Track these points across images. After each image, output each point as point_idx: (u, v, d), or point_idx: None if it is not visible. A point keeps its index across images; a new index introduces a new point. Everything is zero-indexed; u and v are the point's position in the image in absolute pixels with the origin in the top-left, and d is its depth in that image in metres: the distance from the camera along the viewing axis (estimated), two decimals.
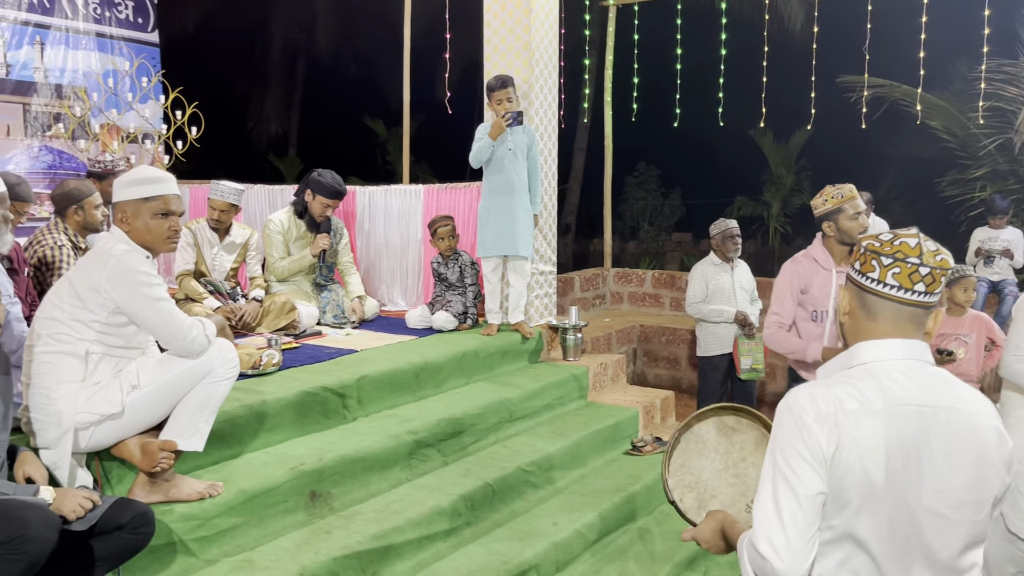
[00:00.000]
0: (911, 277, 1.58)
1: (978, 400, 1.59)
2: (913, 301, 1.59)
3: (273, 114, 19.91)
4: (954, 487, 1.52)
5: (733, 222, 5.77)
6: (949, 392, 1.57)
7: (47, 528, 2.25)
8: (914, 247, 1.60)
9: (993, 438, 1.55)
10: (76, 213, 4.04)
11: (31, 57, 7.50)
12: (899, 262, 1.59)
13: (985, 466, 1.54)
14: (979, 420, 1.55)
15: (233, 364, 3.02)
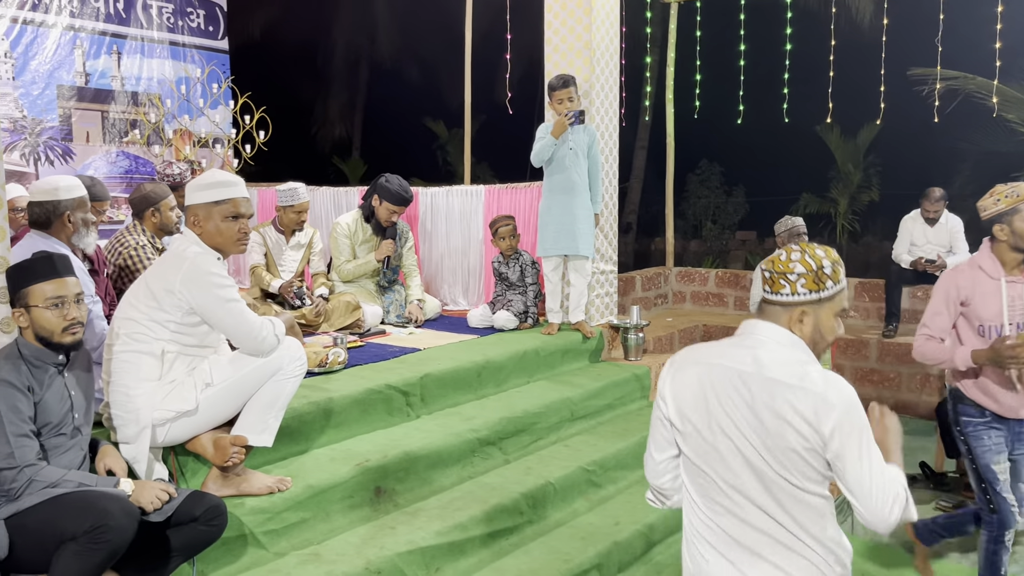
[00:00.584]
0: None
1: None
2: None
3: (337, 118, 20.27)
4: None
5: (800, 220, 5.67)
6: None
7: (127, 518, 2.34)
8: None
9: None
10: (153, 215, 4.19)
11: (109, 66, 7.79)
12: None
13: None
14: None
15: (301, 362, 3.10)
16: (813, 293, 1.98)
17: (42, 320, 2.53)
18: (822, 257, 1.99)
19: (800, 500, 1.91)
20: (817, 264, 1.98)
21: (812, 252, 2.01)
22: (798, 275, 1.99)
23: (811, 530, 1.93)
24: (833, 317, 2.02)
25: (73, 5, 7.48)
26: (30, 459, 2.41)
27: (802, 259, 2.00)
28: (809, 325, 1.99)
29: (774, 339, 1.99)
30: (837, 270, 2.01)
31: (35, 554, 2.37)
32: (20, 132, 7.17)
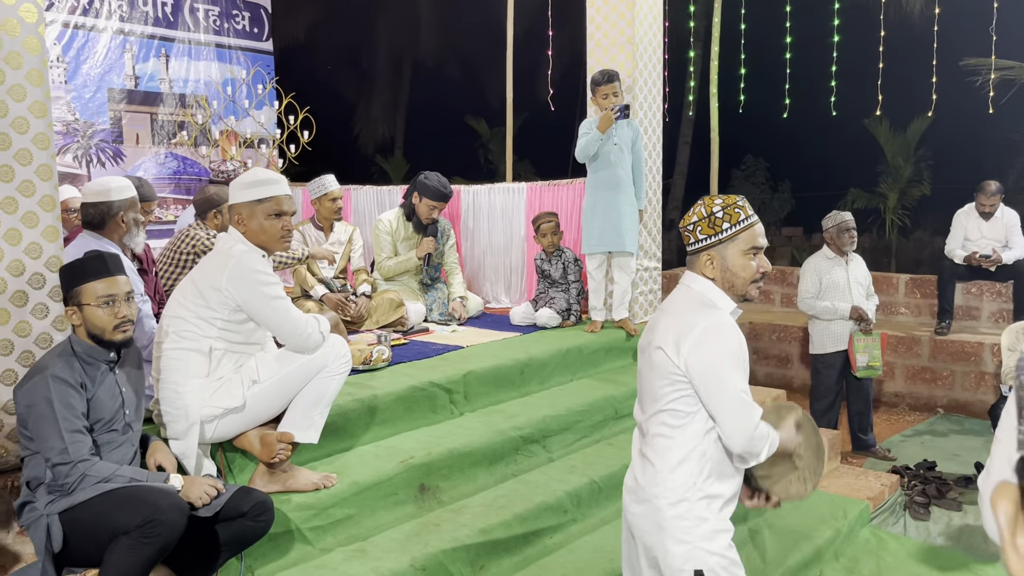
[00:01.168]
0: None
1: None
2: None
3: (380, 117, 20.41)
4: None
5: (848, 215, 5.56)
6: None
7: (177, 513, 2.38)
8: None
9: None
10: (215, 216, 4.27)
11: (157, 69, 7.94)
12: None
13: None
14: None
15: (346, 359, 3.11)
16: (712, 237, 2.17)
17: (94, 318, 2.58)
18: (713, 203, 2.18)
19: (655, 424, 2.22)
20: (708, 210, 2.18)
21: (707, 201, 2.21)
22: (694, 224, 2.20)
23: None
24: (742, 255, 2.17)
25: (123, 9, 7.63)
26: (83, 455, 2.45)
27: (696, 210, 2.22)
28: (717, 267, 2.18)
29: (685, 283, 2.23)
30: (731, 212, 2.17)
31: (88, 548, 2.42)
32: (72, 135, 7.34)
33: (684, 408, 2.16)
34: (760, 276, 2.21)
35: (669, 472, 2.18)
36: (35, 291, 2.88)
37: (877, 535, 4.22)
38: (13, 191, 2.81)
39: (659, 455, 2.20)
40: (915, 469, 5.13)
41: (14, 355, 2.84)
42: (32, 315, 2.88)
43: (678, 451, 2.18)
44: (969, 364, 6.47)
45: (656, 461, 2.21)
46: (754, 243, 2.18)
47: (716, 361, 2.09)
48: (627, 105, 4.93)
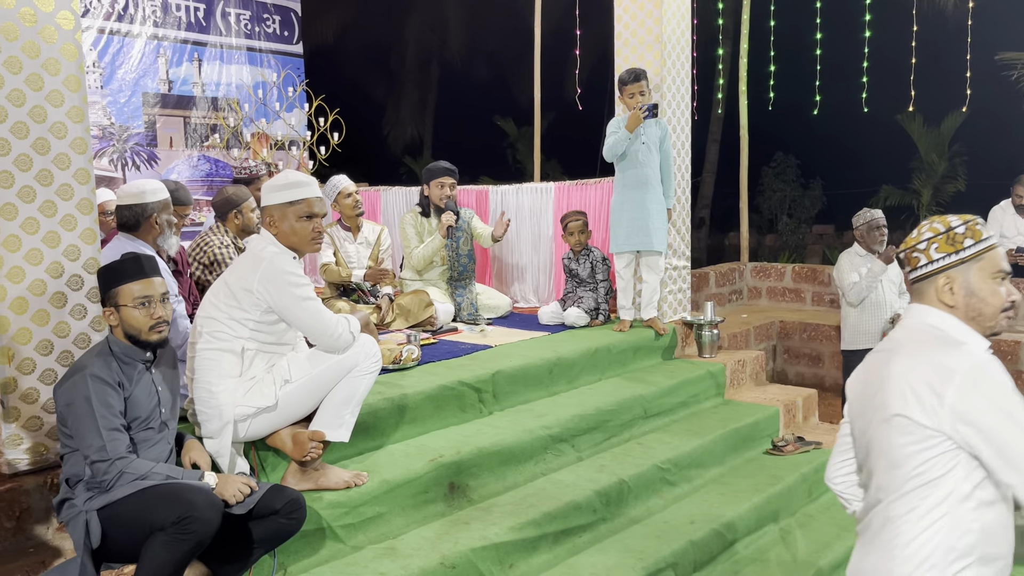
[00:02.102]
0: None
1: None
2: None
3: (408, 118, 20.52)
4: None
5: (878, 212, 5.50)
6: None
7: (212, 510, 2.42)
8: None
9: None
10: (236, 217, 4.31)
11: (190, 73, 8.06)
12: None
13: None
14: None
15: (376, 359, 3.14)
16: (951, 256, 1.84)
17: (130, 319, 2.63)
18: (951, 219, 1.88)
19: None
20: (946, 225, 1.87)
21: (941, 217, 1.90)
22: (927, 240, 1.87)
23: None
24: (989, 279, 1.83)
25: (156, 15, 7.76)
26: (121, 452, 2.50)
27: (930, 226, 1.90)
28: (960, 291, 1.84)
29: (920, 315, 1.87)
30: (973, 228, 1.85)
31: (125, 544, 2.46)
32: (108, 139, 7.47)
33: (935, 472, 1.75)
34: (1010, 304, 1.85)
35: (912, 549, 1.77)
36: (73, 292, 2.94)
37: None
38: (52, 194, 2.87)
39: (898, 532, 1.79)
40: None
41: (53, 355, 2.91)
42: (71, 316, 2.94)
43: (923, 524, 1.76)
44: (1005, 363, 6.34)
45: (894, 539, 1.80)
46: (1000, 266, 1.84)
47: (1003, 405, 1.69)
48: (656, 104, 4.92)
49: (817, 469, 4.24)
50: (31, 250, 2.83)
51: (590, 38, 8.90)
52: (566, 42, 9.25)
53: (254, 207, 4.37)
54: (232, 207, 4.31)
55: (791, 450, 4.53)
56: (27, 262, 2.83)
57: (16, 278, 2.81)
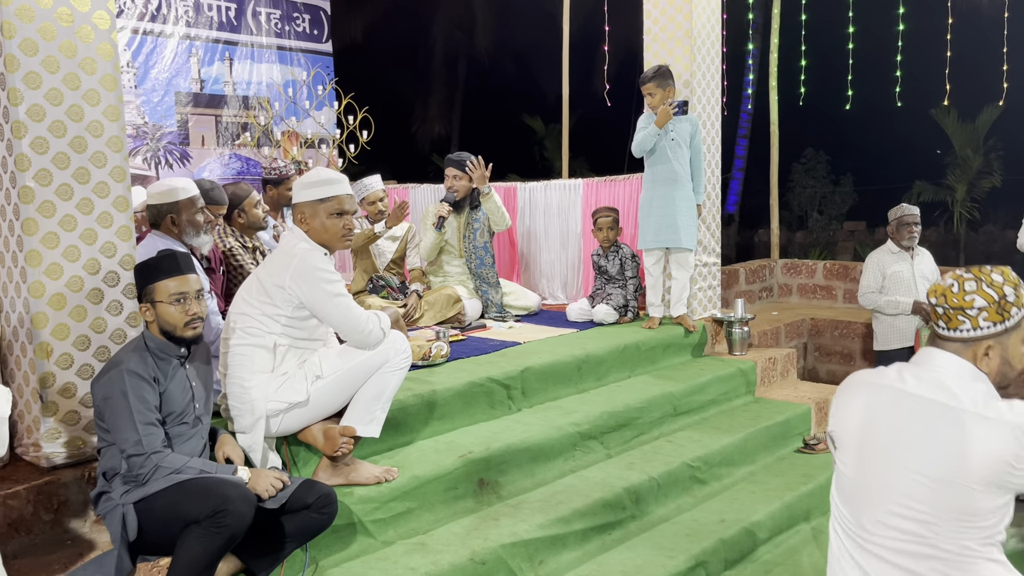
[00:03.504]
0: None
1: None
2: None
3: (436, 115, 20.57)
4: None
5: (910, 208, 5.43)
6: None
7: (245, 504, 2.44)
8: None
9: None
10: (239, 216, 4.33)
11: (222, 72, 8.15)
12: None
13: None
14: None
15: (406, 355, 3.16)
16: (998, 325, 1.83)
17: (166, 315, 2.66)
18: (1001, 284, 1.83)
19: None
20: (999, 294, 1.83)
21: (989, 280, 1.84)
22: (979, 309, 1.83)
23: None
24: (1021, 344, 1.85)
25: (189, 15, 7.85)
26: (156, 446, 2.54)
27: (979, 290, 1.84)
28: (996, 359, 1.84)
29: (956, 372, 1.84)
30: (1020, 294, 1.84)
31: (161, 536, 2.50)
32: (142, 138, 7.58)
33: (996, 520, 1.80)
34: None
35: None
36: (110, 288, 2.99)
37: None
38: (89, 192, 2.92)
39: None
40: None
41: (90, 350, 2.95)
42: (107, 312, 2.99)
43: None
44: None
45: None
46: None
47: None
48: (686, 101, 4.89)
49: None
50: (69, 247, 2.88)
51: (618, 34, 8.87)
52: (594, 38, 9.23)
53: (256, 201, 4.38)
54: (234, 206, 4.32)
55: (823, 448, 4.48)
56: (65, 259, 2.88)
57: (54, 274, 2.86)
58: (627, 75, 10.63)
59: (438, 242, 5.53)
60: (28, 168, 2.78)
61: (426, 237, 5.53)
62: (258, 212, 4.38)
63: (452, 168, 5.50)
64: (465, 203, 5.52)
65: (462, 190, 5.48)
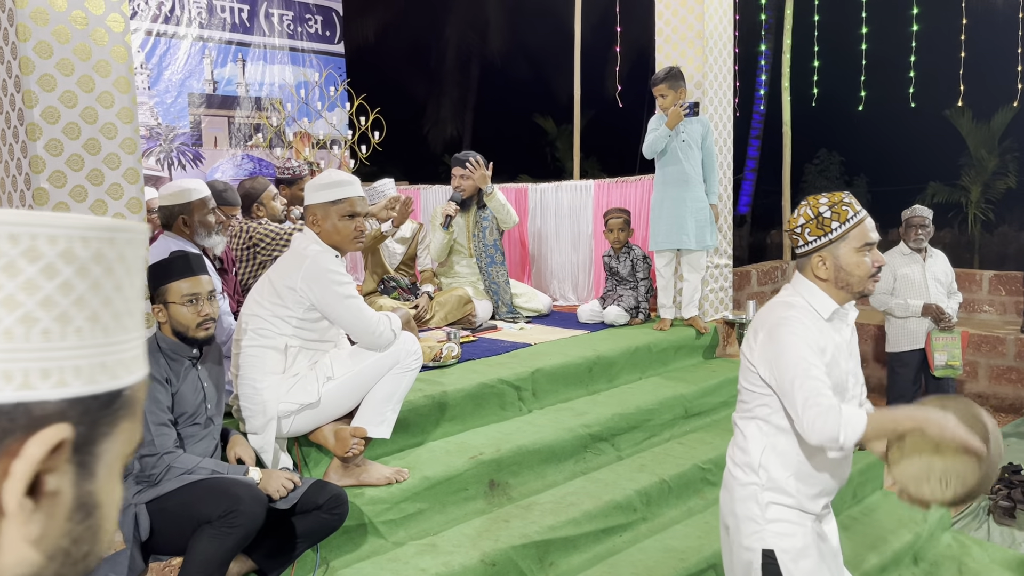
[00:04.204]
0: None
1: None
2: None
3: (448, 116, 20.59)
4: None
5: (920, 209, 5.39)
6: None
7: (257, 504, 2.46)
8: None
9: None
10: (258, 209, 4.36)
11: (235, 73, 8.18)
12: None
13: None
14: None
15: (417, 356, 3.16)
16: (823, 237, 2.14)
17: (178, 316, 2.68)
18: (821, 203, 2.15)
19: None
20: (815, 211, 2.15)
21: (812, 201, 2.18)
22: (802, 226, 2.17)
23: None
24: (855, 252, 2.12)
25: (202, 16, 7.89)
26: (169, 447, 2.55)
27: (803, 212, 2.18)
28: (830, 267, 2.14)
29: (791, 285, 2.24)
30: (839, 210, 2.13)
31: (173, 536, 2.52)
32: (155, 139, 7.62)
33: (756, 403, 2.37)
34: (876, 270, 2.17)
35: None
36: None
37: (959, 540, 4.08)
38: (102, 194, 2.94)
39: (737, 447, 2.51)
40: (1000, 472, 4.94)
41: None
42: None
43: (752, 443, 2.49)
44: (991, 355, 6.19)
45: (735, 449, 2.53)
46: (866, 239, 2.15)
47: (779, 351, 2.14)
48: (697, 103, 4.87)
49: (862, 471, 4.17)
50: None
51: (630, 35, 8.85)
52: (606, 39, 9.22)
53: (275, 195, 4.41)
54: (253, 200, 4.35)
55: None
56: None
57: None
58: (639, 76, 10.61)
59: (448, 242, 5.52)
60: (43, 170, 2.80)
61: (435, 237, 5.53)
62: (276, 205, 4.41)
63: (458, 167, 5.49)
64: (472, 202, 5.51)
65: (469, 189, 5.47)
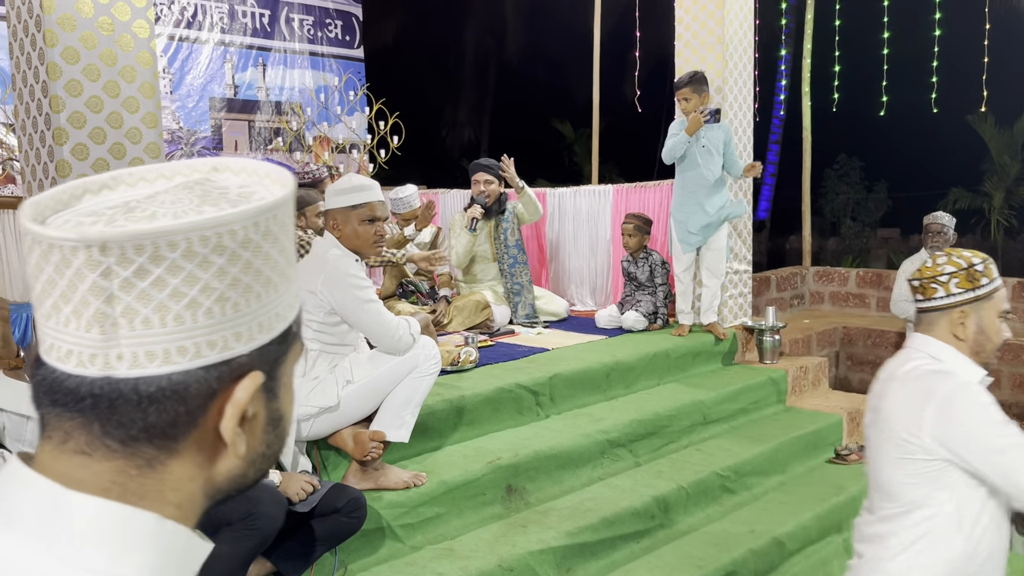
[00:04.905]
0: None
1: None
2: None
3: (466, 120, 20.63)
4: None
5: (939, 215, 5.35)
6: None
7: (276, 507, 2.47)
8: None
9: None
10: (299, 219, 4.40)
11: (255, 78, 8.24)
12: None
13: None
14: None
15: (436, 360, 3.17)
16: (969, 292, 1.93)
17: None
18: (970, 256, 1.96)
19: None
20: (967, 262, 1.94)
21: (959, 252, 1.98)
22: (949, 275, 1.95)
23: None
24: (996, 318, 1.95)
25: (224, 22, 7.96)
26: None
27: (950, 260, 1.97)
28: (972, 327, 1.93)
29: (926, 349, 1.96)
30: (989, 267, 1.96)
31: None
32: (177, 143, 7.69)
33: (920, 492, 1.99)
34: (1001, 342, 1.99)
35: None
36: None
37: None
38: None
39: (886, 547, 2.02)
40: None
41: None
42: None
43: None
44: (1015, 364, 6.12)
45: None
46: (1004, 306, 1.99)
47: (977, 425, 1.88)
48: (718, 109, 4.85)
49: None
50: None
51: (649, 40, 8.84)
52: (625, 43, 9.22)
53: (319, 212, 4.46)
54: (297, 209, 4.40)
55: (855, 459, 4.42)
56: None
57: None
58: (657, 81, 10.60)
59: (471, 247, 5.53)
60: (69, 174, 2.83)
61: (459, 242, 5.53)
62: (318, 222, 4.45)
63: (482, 173, 5.50)
64: (493, 208, 5.53)
65: (493, 194, 5.49)
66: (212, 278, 0.58)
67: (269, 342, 0.63)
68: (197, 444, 0.61)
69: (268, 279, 0.62)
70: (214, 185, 0.63)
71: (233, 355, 0.60)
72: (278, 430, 0.68)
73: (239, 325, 0.60)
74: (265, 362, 0.63)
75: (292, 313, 0.66)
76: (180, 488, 0.61)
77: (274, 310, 0.63)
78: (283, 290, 0.64)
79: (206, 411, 0.60)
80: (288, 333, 0.66)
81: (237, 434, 0.61)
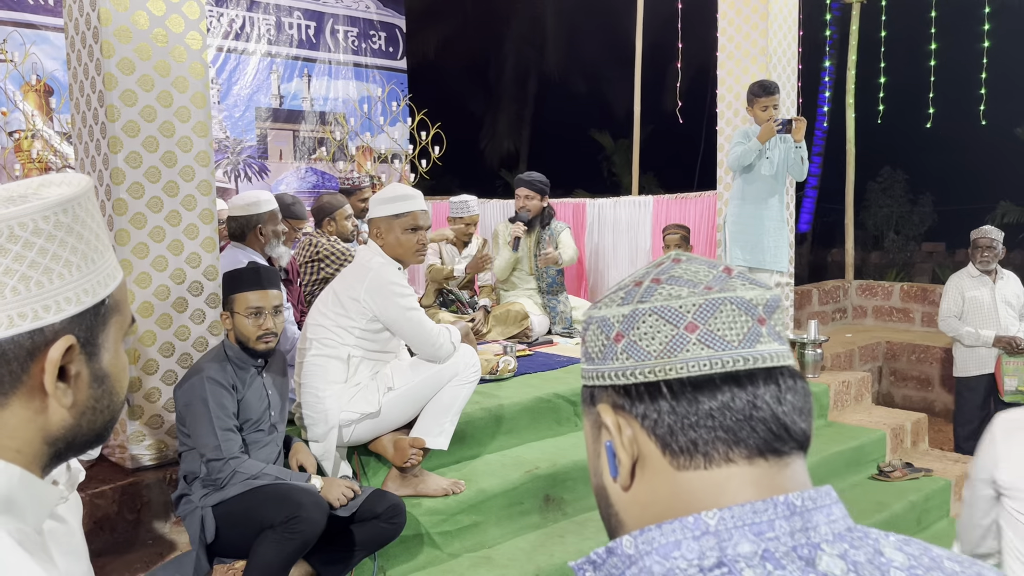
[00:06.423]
0: None
1: None
2: None
3: (505, 131, 20.68)
4: None
5: (987, 230, 5.23)
6: None
7: (318, 511, 2.50)
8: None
9: None
10: (329, 224, 4.47)
11: (300, 88, 8.38)
12: None
13: None
14: None
15: (475, 369, 3.19)
16: None
17: (241, 326, 2.75)
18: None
19: None
20: None
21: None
22: None
23: None
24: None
25: (270, 33, 8.11)
26: (234, 452, 2.62)
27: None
28: None
29: None
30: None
31: (237, 540, 2.57)
32: (223, 151, 7.84)
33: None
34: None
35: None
36: (194, 298, 3.10)
37: None
38: (177, 205, 3.04)
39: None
40: None
41: (174, 357, 3.07)
42: (191, 320, 3.10)
43: None
44: None
45: None
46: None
47: None
48: (790, 120, 4.70)
49: (927, 497, 4.07)
50: (157, 257, 3.01)
51: (690, 50, 8.81)
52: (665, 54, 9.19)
53: (348, 214, 4.51)
54: (326, 214, 4.47)
55: (899, 476, 4.35)
56: (153, 268, 3.00)
57: (143, 283, 2.98)
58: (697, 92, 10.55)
59: (512, 261, 5.57)
60: (123, 181, 2.91)
61: (500, 256, 5.57)
62: (348, 224, 4.52)
63: (524, 188, 5.53)
64: (536, 222, 5.56)
65: (534, 209, 5.51)
66: (11, 262, 0.70)
67: (82, 312, 0.75)
68: (26, 396, 0.72)
69: (68, 261, 0.74)
70: (19, 192, 0.75)
71: (45, 323, 0.72)
72: (104, 387, 0.78)
73: (46, 299, 0.72)
74: (81, 328, 0.75)
75: (104, 290, 0.77)
76: (16, 435, 0.72)
77: (82, 286, 0.75)
78: (88, 270, 0.76)
79: (28, 370, 0.72)
80: (102, 305, 0.77)
81: (58, 387, 0.73)
